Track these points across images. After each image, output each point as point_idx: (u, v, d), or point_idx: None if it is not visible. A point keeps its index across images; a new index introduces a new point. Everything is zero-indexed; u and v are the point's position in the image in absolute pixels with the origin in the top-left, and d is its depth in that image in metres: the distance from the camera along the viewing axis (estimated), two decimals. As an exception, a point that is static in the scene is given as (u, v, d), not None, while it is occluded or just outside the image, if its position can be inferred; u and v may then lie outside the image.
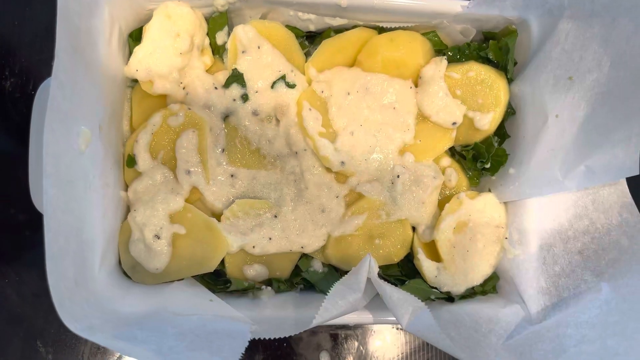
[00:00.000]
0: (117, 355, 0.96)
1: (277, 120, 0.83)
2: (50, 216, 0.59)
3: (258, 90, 0.82)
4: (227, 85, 0.82)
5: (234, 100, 0.82)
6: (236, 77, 0.81)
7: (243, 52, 0.81)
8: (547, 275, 0.81)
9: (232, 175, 0.82)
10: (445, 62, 0.83)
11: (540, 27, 0.81)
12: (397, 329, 1.00)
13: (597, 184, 0.75)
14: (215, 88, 0.81)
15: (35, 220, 0.94)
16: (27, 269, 0.94)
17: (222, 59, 0.85)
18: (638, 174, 0.71)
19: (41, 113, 0.76)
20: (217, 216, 0.82)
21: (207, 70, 0.83)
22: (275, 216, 0.81)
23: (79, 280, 0.65)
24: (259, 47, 0.81)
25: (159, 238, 0.77)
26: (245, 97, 0.82)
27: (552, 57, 0.79)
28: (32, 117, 0.77)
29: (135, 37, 0.82)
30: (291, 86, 0.83)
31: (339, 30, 0.85)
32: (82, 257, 0.68)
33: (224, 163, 0.82)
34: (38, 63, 0.96)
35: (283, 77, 0.82)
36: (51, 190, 0.60)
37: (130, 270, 0.79)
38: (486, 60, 0.86)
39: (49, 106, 0.61)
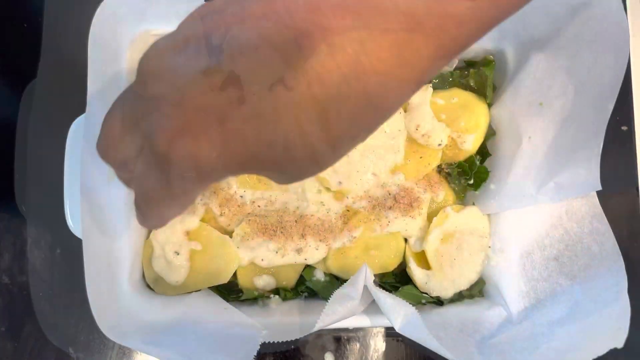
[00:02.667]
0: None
1: (281, 146, 0.92)
2: (87, 241, 0.70)
3: (263, 120, 0.91)
4: (235, 116, 0.91)
5: (242, 129, 0.91)
6: (243, 110, 0.91)
7: (249, 87, 0.90)
8: (527, 279, 0.90)
9: (241, 197, 0.92)
10: (430, 89, 0.92)
11: (514, 57, 0.90)
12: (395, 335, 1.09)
13: (566, 198, 0.84)
14: (225, 119, 0.91)
15: (65, 240, 1.04)
16: (58, 283, 1.04)
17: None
18: (600, 189, 0.80)
19: (74, 147, 0.86)
20: (229, 233, 0.91)
21: (217, 103, 0.92)
22: (281, 232, 0.91)
23: (111, 294, 0.75)
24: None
25: (178, 254, 0.87)
26: (251, 127, 0.92)
27: (526, 84, 0.88)
28: (66, 150, 0.86)
29: (152, 75, 0.91)
30: (292, 115, 0.92)
31: (334, 64, 0.94)
32: (113, 274, 0.78)
33: (234, 186, 0.91)
34: (67, 98, 1.06)
35: (285, 108, 0.92)
36: (87, 218, 0.70)
37: (153, 283, 0.89)
38: (468, 87, 0.95)
39: (83, 145, 0.71)
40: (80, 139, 0.73)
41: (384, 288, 0.94)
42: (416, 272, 0.91)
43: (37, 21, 1.08)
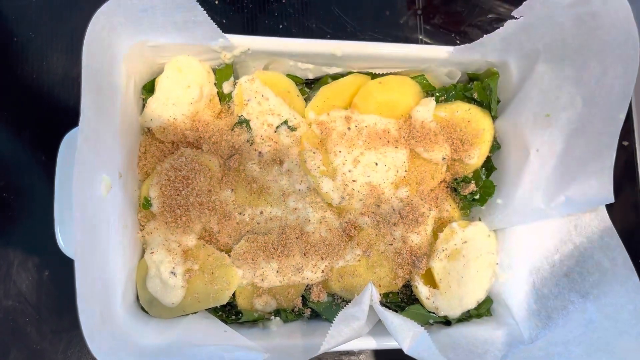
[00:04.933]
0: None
1: (281, 161, 0.90)
2: (80, 260, 0.65)
3: (262, 134, 0.88)
4: (234, 130, 0.88)
5: (241, 144, 0.88)
6: (242, 123, 0.88)
7: (248, 100, 0.88)
8: (537, 297, 0.87)
9: (240, 213, 0.88)
10: (433, 102, 0.90)
11: (519, 68, 0.89)
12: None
13: (577, 212, 0.82)
14: (223, 133, 0.88)
15: (54, 261, 0.99)
16: (46, 307, 0.99)
17: (229, 106, 0.91)
18: (613, 201, 0.78)
19: (65, 163, 0.82)
20: (228, 251, 0.87)
21: (215, 117, 0.90)
22: (281, 250, 0.87)
23: (104, 316, 0.71)
24: (262, 96, 0.88)
25: (174, 274, 0.83)
26: (251, 141, 0.89)
27: (531, 96, 0.86)
28: (57, 165, 0.83)
29: (148, 88, 0.89)
30: (293, 129, 0.90)
31: (335, 77, 0.93)
32: (106, 294, 0.73)
33: (233, 202, 0.88)
34: (57, 112, 1.03)
35: (285, 122, 0.89)
36: (79, 236, 0.66)
37: (147, 305, 0.84)
38: (471, 100, 0.93)
39: (77, 159, 0.67)
40: (73, 152, 0.69)
41: (388, 308, 0.90)
42: (423, 291, 0.88)
43: (27, 35, 1.04)
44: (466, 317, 0.91)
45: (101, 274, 0.72)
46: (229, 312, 0.89)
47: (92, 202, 0.71)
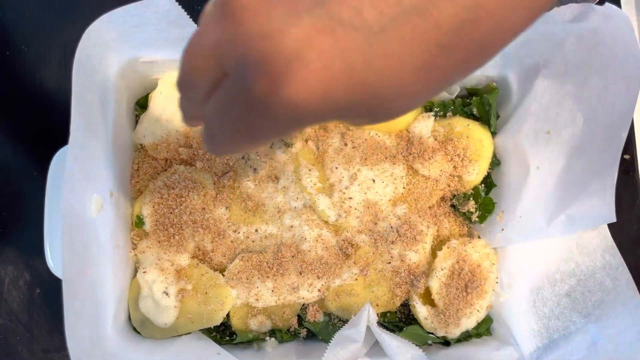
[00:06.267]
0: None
1: (277, 178, 0.88)
2: (68, 282, 0.64)
3: (258, 150, 0.87)
4: (228, 146, 0.87)
5: (236, 160, 0.87)
6: (237, 140, 0.86)
7: (243, 116, 0.86)
8: (538, 317, 0.85)
9: (234, 231, 0.86)
10: (432, 118, 0.89)
11: (519, 84, 0.87)
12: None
13: (578, 231, 0.80)
14: (218, 150, 0.86)
15: (45, 279, 0.98)
16: (37, 325, 0.97)
17: (223, 122, 0.90)
18: (615, 221, 0.76)
19: (55, 181, 0.81)
20: (222, 270, 0.86)
21: (209, 133, 0.88)
22: (277, 269, 0.85)
23: (94, 340, 0.69)
24: (258, 112, 0.86)
25: (167, 294, 0.81)
26: (246, 157, 0.87)
27: (531, 112, 0.84)
28: (47, 184, 0.81)
29: (141, 104, 0.87)
30: (289, 145, 0.88)
31: (332, 92, 0.91)
32: (96, 317, 0.72)
33: (227, 220, 0.86)
34: (49, 127, 1.01)
35: (281, 138, 0.88)
36: (68, 258, 0.65)
37: (139, 326, 0.83)
38: (470, 115, 0.92)
39: (65, 179, 0.66)
40: (63, 170, 0.67)
41: (386, 328, 0.89)
42: (421, 311, 0.86)
43: (19, 48, 1.03)
44: (465, 337, 0.89)
45: (91, 296, 0.70)
46: (223, 333, 0.87)
47: (81, 223, 0.69)
